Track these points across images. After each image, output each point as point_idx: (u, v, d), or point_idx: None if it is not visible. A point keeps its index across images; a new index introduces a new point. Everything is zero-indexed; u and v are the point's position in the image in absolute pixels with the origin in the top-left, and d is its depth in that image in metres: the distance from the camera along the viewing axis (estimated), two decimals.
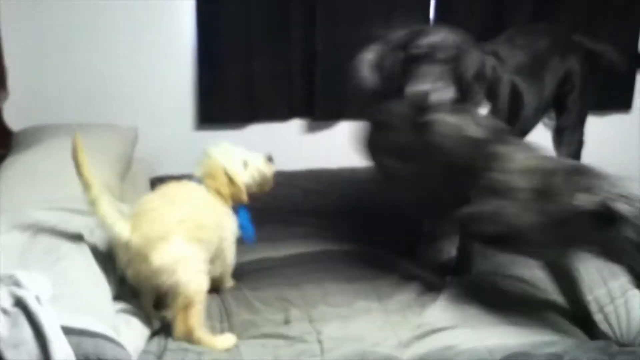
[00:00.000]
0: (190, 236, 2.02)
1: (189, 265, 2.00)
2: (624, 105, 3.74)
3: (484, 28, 3.39)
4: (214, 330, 2.11)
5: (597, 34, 3.44)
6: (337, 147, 3.48)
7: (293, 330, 2.11)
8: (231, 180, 2.25)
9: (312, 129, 3.50)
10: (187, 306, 2.00)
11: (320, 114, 3.42)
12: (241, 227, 2.31)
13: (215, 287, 2.23)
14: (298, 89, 3.38)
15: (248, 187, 2.31)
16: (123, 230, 1.95)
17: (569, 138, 2.86)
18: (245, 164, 2.31)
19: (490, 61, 2.43)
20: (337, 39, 3.28)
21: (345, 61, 3.28)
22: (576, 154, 2.89)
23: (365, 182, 3.26)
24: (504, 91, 2.47)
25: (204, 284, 2.04)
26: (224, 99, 3.30)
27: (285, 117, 3.44)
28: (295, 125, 3.48)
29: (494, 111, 2.39)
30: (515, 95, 2.52)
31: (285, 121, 3.45)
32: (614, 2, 3.54)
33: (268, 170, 2.38)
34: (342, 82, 3.35)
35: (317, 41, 3.27)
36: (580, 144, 2.91)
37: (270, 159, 2.39)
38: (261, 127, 3.42)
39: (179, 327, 1.99)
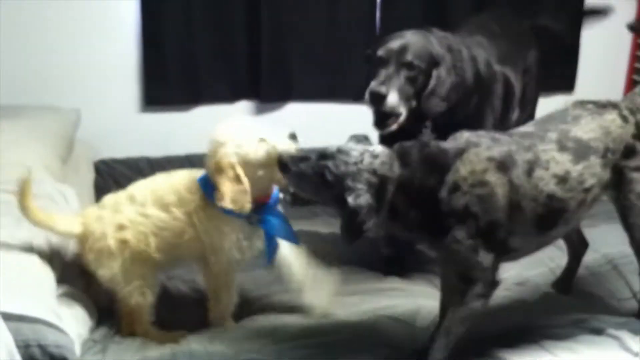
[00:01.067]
0: (133, 246, 1.98)
1: (129, 281, 1.98)
2: (567, 86, 3.80)
3: (428, 12, 3.42)
4: None
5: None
6: (284, 128, 3.48)
7: None
8: (238, 178, 1.91)
9: (259, 110, 3.47)
10: (130, 314, 2.02)
11: (267, 95, 3.40)
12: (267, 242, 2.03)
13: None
14: (243, 70, 3.35)
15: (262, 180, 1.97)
16: (70, 228, 1.99)
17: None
18: (263, 141, 1.94)
19: (482, 55, 2.34)
20: (283, 18, 3.26)
21: (291, 41, 3.30)
22: None
23: None
24: (499, 86, 2.39)
25: (146, 298, 2.01)
26: (168, 80, 3.26)
27: (231, 99, 3.41)
28: (242, 107, 3.45)
29: (489, 110, 2.33)
30: (507, 87, 2.44)
31: (232, 103, 3.42)
32: None
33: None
34: (289, 63, 3.35)
35: (262, 21, 3.24)
36: None
37: (294, 137, 1.96)
38: (207, 109, 3.38)
39: (123, 328, 2.05)
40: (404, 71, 2.15)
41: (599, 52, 3.79)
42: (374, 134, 2.25)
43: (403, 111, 2.16)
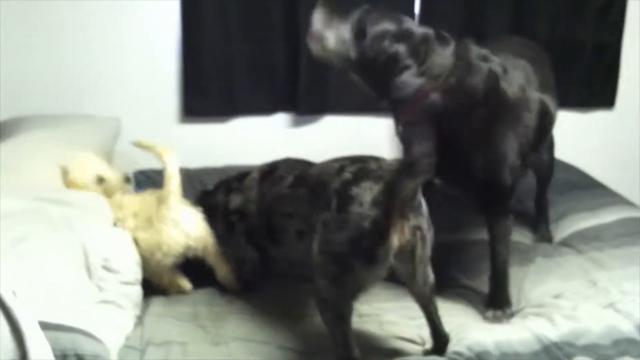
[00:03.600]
0: None
1: None
2: (607, 102, 3.75)
3: (466, 18, 3.41)
4: None
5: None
6: (321, 141, 3.49)
7: None
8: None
9: (296, 123, 3.49)
10: None
11: (304, 108, 3.41)
12: None
13: None
14: (281, 83, 3.37)
15: None
16: None
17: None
18: (100, 180, 2.36)
19: (518, 79, 2.24)
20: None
21: None
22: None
23: None
24: (530, 114, 2.26)
25: None
26: (206, 92, 3.29)
27: (268, 111, 3.43)
28: (280, 119, 3.47)
29: (510, 134, 2.20)
30: (544, 115, 2.33)
31: (269, 115, 3.44)
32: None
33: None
34: (327, 76, 3.36)
35: (300, 35, 3.25)
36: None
37: (127, 180, 2.45)
38: (245, 120, 3.41)
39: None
40: (355, 16, 2.16)
41: None
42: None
43: (329, 39, 2.15)
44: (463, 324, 2.12)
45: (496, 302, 2.25)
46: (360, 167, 1.85)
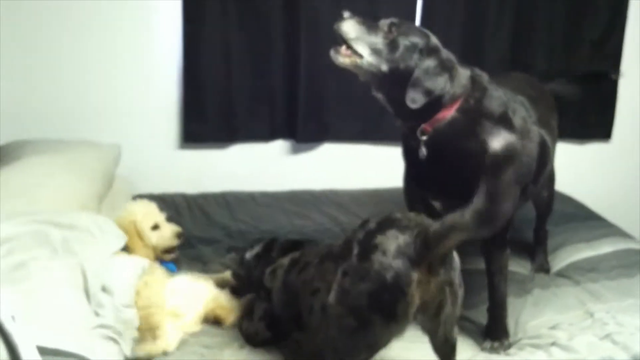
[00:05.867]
0: None
1: None
2: (604, 134, 3.78)
3: (463, 52, 3.45)
4: None
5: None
6: (320, 169, 3.51)
7: None
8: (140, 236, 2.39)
9: (295, 150, 3.51)
10: None
11: (303, 135, 3.43)
12: None
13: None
14: (281, 110, 3.39)
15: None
16: None
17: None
18: (156, 227, 2.43)
19: (520, 112, 2.24)
20: (320, 61, 3.30)
21: (328, 83, 3.34)
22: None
23: (348, 204, 3.29)
24: (532, 144, 2.26)
25: None
26: (206, 118, 3.31)
27: (267, 138, 3.45)
28: (278, 146, 3.49)
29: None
30: (543, 149, 2.33)
31: (268, 142, 3.46)
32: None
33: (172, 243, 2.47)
34: (326, 104, 3.38)
35: (300, 63, 3.29)
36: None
37: (179, 236, 2.49)
38: (244, 147, 3.43)
39: None
40: (385, 28, 2.10)
41: (637, 99, 3.77)
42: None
43: (364, 52, 2.08)
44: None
45: (494, 333, 2.25)
46: (385, 217, 1.75)
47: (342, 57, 2.11)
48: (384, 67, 2.07)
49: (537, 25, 3.53)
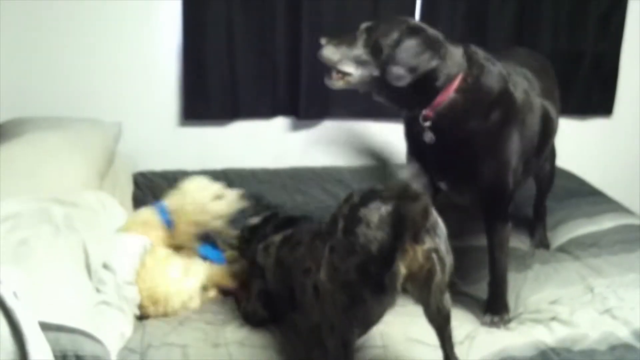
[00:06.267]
0: None
1: None
2: (605, 110, 3.77)
3: (468, 30, 3.43)
4: None
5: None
6: (320, 145, 3.50)
7: None
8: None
9: (296, 127, 3.50)
10: None
11: (305, 112, 3.42)
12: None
13: None
14: (282, 87, 3.38)
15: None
16: None
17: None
18: (219, 197, 2.44)
19: (522, 84, 2.24)
20: (323, 36, 3.29)
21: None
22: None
23: (349, 181, 3.29)
24: (534, 117, 2.26)
25: None
26: (207, 95, 3.30)
27: (269, 115, 3.44)
28: (279, 123, 3.48)
29: (515, 135, 2.18)
30: (546, 121, 2.34)
31: (269, 119, 3.46)
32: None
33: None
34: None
35: (302, 40, 3.27)
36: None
37: (243, 197, 2.50)
38: (245, 124, 3.42)
39: None
40: (363, 35, 2.12)
41: (638, 75, 3.75)
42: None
43: (350, 70, 2.12)
44: (470, 334, 2.13)
45: (494, 307, 2.26)
46: (368, 190, 1.74)
47: (335, 82, 2.18)
48: (375, 73, 2.10)
49: (543, 3, 3.50)
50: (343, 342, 1.75)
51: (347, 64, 2.12)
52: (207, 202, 2.40)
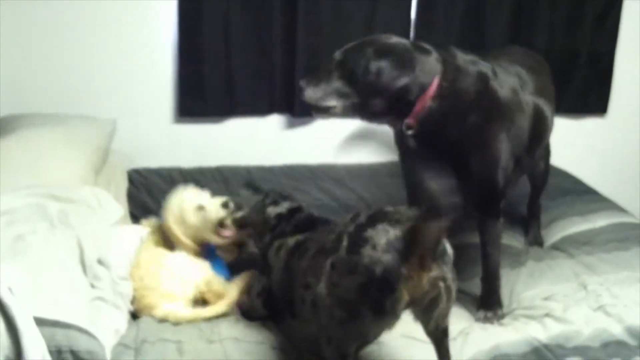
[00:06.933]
0: None
1: None
2: (600, 109, 3.78)
3: (465, 28, 3.44)
4: None
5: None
6: (316, 143, 3.51)
7: None
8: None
9: (291, 125, 3.50)
10: None
11: (300, 110, 3.42)
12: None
13: None
14: (278, 84, 3.38)
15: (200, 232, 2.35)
16: None
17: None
18: (200, 208, 2.35)
19: (510, 82, 2.26)
20: (319, 36, 3.29)
21: (326, 58, 3.33)
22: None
23: (344, 178, 3.30)
24: (523, 116, 2.28)
25: None
26: (203, 93, 3.29)
27: (264, 112, 3.44)
28: (275, 120, 3.48)
29: (503, 135, 2.21)
30: (539, 119, 2.36)
31: (265, 116, 3.46)
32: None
33: (221, 214, 2.37)
34: None
35: (298, 38, 3.27)
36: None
37: (225, 205, 2.38)
38: (240, 121, 3.42)
39: None
40: (337, 68, 2.17)
41: (633, 75, 3.76)
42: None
43: (333, 104, 2.17)
44: (464, 330, 2.14)
45: (488, 303, 2.28)
46: (376, 210, 1.72)
47: (322, 117, 2.32)
48: (356, 100, 2.15)
49: (540, 2, 3.51)
50: (341, 355, 1.74)
51: (328, 99, 2.18)
52: (189, 216, 2.33)
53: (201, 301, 2.26)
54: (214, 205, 2.35)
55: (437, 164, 2.23)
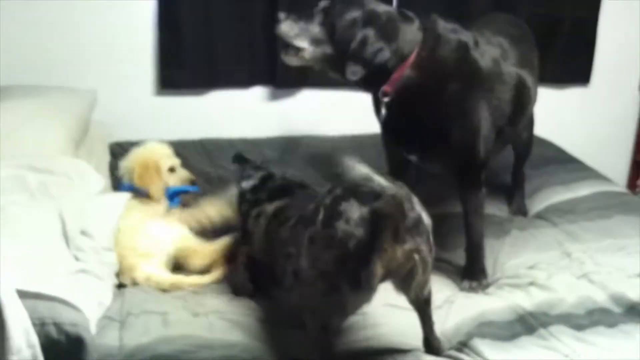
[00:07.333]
0: None
1: None
2: (583, 78, 3.79)
3: (448, 6, 3.41)
4: None
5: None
6: (299, 115, 3.49)
7: None
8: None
9: (274, 96, 3.48)
10: None
11: (283, 81, 3.40)
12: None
13: None
14: (260, 56, 3.34)
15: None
16: None
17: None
18: (172, 170, 2.54)
19: (490, 53, 2.24)
20: (300, 6, 3.25)
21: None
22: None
23: (327, 150, 3.28)
24: (504, 86, 2.26)
25: None
26: (184, 64, 3.25)
27: (246, 84, 3.41)
28: (257, 92, 3.45)
29: (483, 105, 2.19)
30: (521, 89, 2.33)
31: (247, 88, 3.43)
32: None
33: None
34: None
35: (279, 7, 3.22)
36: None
37: (192, 182, 2.61)
38: (222, 93, 3.39)
39: None
40: (320, 14, 2.16)
41: (616, 44, 3.76)
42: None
43: (304, 45, 2.16)
44: (449, 298, 2.15)
45: (472, 273, 2.28)
46: (352, 184, 1.71)
47: (290, 58, 2.23)
48: (329, 51, 2.15)
49: None
50: (324, 326, 1.75)
51: (302, 39, 2.17)
52: (164, 169, 2.50)
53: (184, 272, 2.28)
54: (184, 175, 2.60)
55: (414, 137, 2.23)
